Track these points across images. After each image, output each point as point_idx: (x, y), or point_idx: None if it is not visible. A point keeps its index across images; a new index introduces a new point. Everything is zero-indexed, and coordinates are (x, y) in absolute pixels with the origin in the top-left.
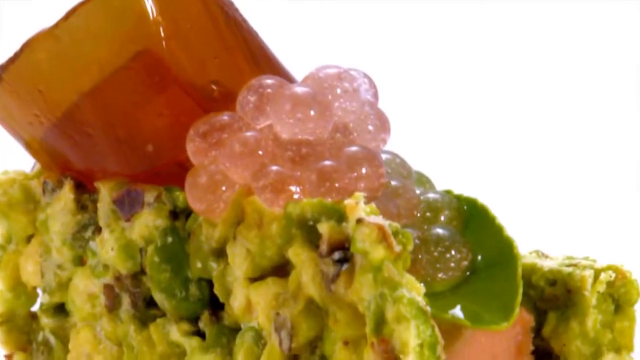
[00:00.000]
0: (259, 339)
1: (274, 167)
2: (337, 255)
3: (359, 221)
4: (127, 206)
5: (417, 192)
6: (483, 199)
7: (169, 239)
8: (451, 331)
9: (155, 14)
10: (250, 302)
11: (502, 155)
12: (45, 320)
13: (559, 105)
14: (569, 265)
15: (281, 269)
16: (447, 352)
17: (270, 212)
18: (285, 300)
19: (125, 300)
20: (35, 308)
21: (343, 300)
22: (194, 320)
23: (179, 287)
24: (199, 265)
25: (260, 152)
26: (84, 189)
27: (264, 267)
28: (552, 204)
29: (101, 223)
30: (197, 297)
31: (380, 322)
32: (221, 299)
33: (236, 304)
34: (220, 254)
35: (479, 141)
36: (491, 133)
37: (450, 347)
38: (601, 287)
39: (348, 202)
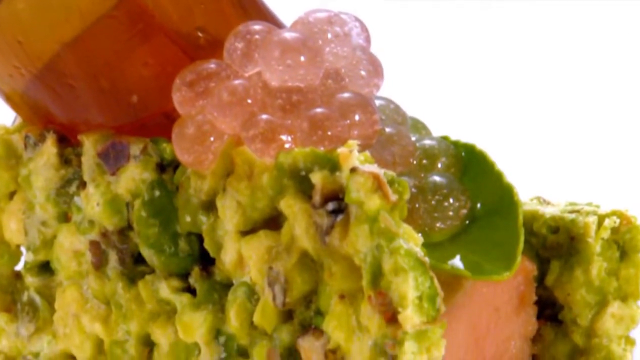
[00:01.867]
0: (252, 294)
1: (264, 116)
2: (331, 206)
3: (353, 170)
4: (112, 159)
5: (413, 138)
6: (481, 144)
7: (157, 193)
8: (451, 282)
9: None
10: (242, 256)
11: (500, 98)
12: (30, 280)
13: (561, 48)
14: (571, 212)
15: (273, 222)
16: (447, 304)
17: (260, 163)
18: (278, 253)
19: (112, 257)
20: (19, 267)
21: (338, 252)
22: (184, 276)
23: (168, 242)
24: (188, 219)
25: (249, 101)
26: (67, 142)
27: (255, 220)
28: (553, 148)
29: (86, 177)
30: (187, 252)
31: (377, 274)
32: (212, 254)
33: (227, 258)
34: (209, 207)
35: (476, 84)
36: (489, 75)
37: (450, 299)
38: (605, 234)
39: (341, 150)
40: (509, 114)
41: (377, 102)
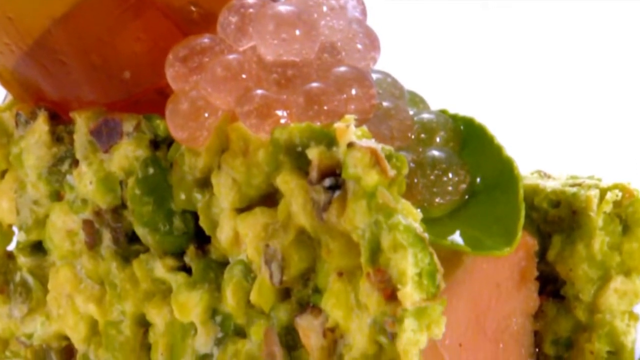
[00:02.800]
0: (249, 272)
1: (259, 91)
2: (328, 182)
3: (350, 145)
4: (105, 137)
5: (411, 112)
6: (480, 118)
7: (150, 170)
8: (451, 258)
9: None
10: (238, 234)
11: (499, 71)
12: (23, 260)
13: (563, 17)
14: (573, 185)
15: (269, 199)
16: (447, 280)
17: (256, 139)
18: (274, 231)
19: (106, 236)
20: (11, 247)
21: (336, 229)
22: (179, 255)
23: (162, 220)
24: (183, 196)
25: (243, 76)
26: (59, 119)
27: (251, 197)
28: (553, 120)
29: (78, 155)
30: (182, 230)
31: (375, 251)
32: (207, 232)
33: (223, 236)
34: (204, 184)
35: (475, 56)
36: (488, 47)
37: (451, 276)
38: (607, 207)
39: (338, 125)
40: (508, 86)
41: (374, 76)
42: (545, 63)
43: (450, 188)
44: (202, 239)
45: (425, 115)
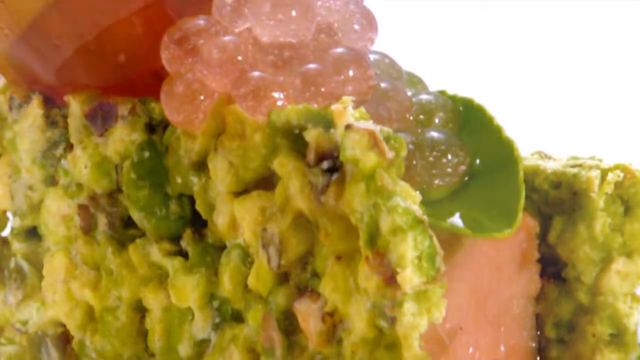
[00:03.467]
0: (246, 257)
1: (255, 73)
2: (325, 164)
3: (348, 127)
4: (100, 120)
5: (409, 93)
6: (479, 98)
7: (146, 154)
8: (450, 241)
9: None
10: (235, 218)
11: (498, 51)
12: (17, 246)
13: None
14: (573, 166)
15: (267, 182)
16: (447, 263)
17: (252, 121)
18: (272, 214)
19: (102, 221)
20: (5, 233)
21: (334, 212)
22: (176, 239)
23: (159, 204)
24: (179, 180)
25: (239, 58)
26: (53, 103)
27: (248, 180)
28: (553, 100)
29: (73, 139)
30: (178, 214)
31: (374, 234)
32: (204, 216)
33: (220, 220)
34: (201, 167)
35: (474, 37)
36: (486, 27)
37: (450, 259)
38: (609, 188)
39: (335, 107)
40: (508, 66)
41: (372, 57)
42: (545, 45)
43: (449, 170)
44: (198, 223)
45: (424, 96)
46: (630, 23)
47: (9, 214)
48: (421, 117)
